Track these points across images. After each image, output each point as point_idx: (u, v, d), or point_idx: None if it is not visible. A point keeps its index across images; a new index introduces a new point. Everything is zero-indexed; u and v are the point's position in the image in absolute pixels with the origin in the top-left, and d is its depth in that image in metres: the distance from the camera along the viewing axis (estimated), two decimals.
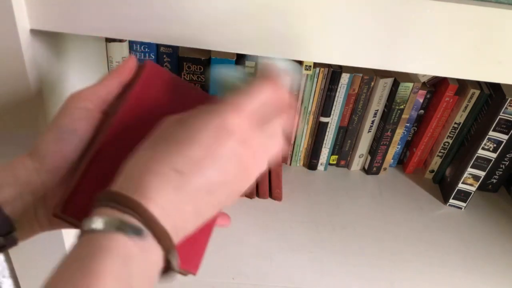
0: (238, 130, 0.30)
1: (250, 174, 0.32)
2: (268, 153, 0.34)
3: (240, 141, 0.30)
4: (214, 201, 0.30)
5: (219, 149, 0.29)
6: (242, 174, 0.31)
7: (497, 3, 0.41)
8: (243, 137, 0.30)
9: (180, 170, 0.28)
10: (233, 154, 0.30)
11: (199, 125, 0.30)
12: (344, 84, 0.73)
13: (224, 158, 0.30)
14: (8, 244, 0.34)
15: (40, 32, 0.43)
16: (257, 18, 0.41)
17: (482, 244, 0.75)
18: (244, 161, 0.31)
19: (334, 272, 0.66)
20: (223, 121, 0.30)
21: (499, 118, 0.70)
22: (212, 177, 0.29)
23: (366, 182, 0.84)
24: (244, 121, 0.31)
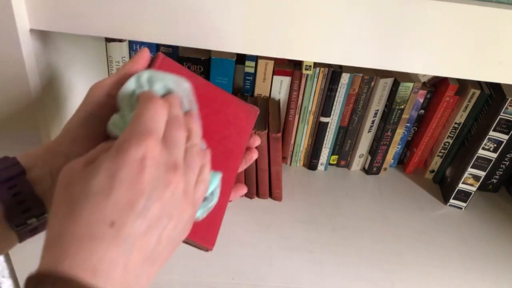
0: (151, 155, 0.29)
1: (188, 193, 0.31)
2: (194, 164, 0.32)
3: (157, 164, 0.29)
4: (164, 238, 0.29)
5: (141, 181, 0.28)
6: (180, 196, 0.30)
7: (497, 3, 0.41)
8: (157, 159, 0.29)
9: (112, 221, 0.26)
10: (157, 178, 0.29)
11: (115, 168, 0.28)
12: (344, 84, 0.73)
13: (149, 188, 0.28)
14: (40, 227, 0.36)
15: (40, 32, 0.43)
16: (257, 18, 0.41)
17: (482, 244, 0.75)
18: (173, 180, 0.29)
19: (334, 272, 0.66)
20: (132, 154, 0.28)
21: (499, 118, 0.70)
22: (147, 215, 0.28)
23: (366, 182, 0.84)
24: (151, 144, 0.29)
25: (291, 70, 0.72)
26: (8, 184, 0.34)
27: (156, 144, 0.29)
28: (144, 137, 0.29)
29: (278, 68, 0.72)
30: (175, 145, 0.31)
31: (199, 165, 0.33)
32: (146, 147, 0.29)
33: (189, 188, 0.32)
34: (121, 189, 0.27)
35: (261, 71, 0.71)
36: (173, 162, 0.30)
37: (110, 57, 0.69)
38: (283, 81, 0.73)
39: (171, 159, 0.30)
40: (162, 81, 0.36)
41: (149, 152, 0.29)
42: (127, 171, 0.28)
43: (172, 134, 0.32)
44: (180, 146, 0.32)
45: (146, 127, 0.30)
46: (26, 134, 0.46)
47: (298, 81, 0.72)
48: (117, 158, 0.28)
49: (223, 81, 0.71)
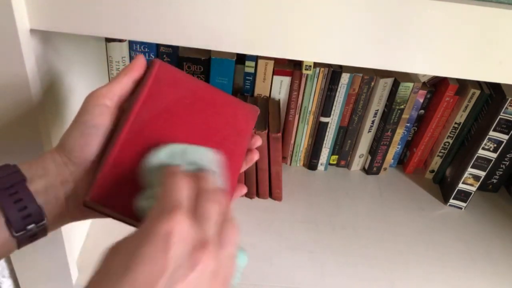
0: (177, 230, 0.27)
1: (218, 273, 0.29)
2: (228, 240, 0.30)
3: (185, 240, 0.27)
4: None
5: (164, 259, 0.26)
6: (208, 277, 0.28)
7: (497, 3, 0.41)
8: (185, 235, 0.27)
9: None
10: (183, 256, 0.27)
11: (137, 244, 0.27)
12: (344, 84, 0.73)
13: (173, 267, 0.26)
14: (40, 233, 0.36)
15: (40, 32, 0.43)
16: (257, 18, 0.41)
17: (482, 244, 0.75)
18: (201, 259, 0.27)
19: (334, 272, 0.66)
20: (158, 230, 0.27)
21: (499, 118, 0.70)
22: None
23: (366, 182, 0.84)
24: (178, 218, 0.28)
25: (291, 70, 0.72)
26: (10, 191, 0.34)
27: (184, 218, 0.28)
28: (170, 212, 0.28)
29: (278, 68, 0.72)
30: (205, 220, 0.29)
31: (233, 241, 0.31)
32: (173, 221, 0.27)
33: (220, 268, 0.29)
34: (140, 266, 0.26)
35: (261, 71, 0.71)
36: (202, 239, 0.28)
37: (110, 57, 0.69)
38: (283, 81, 0.73)
39: (201, 235, 0.28)
40: (193, 156, 0.35)
41: (175, 227, 0.27)
42: (149, 248, 0.26)
43: (203, 207, 0.30)
44: (211, 221, 0.30)
45: (173, 201, 0.29)
46: (26, 134, 0.46)
47: (298, 81, 0.72)
48: (141, 234, 0.27)
49: (223, 81, 0.71)
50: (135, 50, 0.69)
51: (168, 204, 0.29)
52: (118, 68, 0.70)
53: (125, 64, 0.70)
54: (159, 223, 0.27)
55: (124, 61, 0.70)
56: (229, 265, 0.31)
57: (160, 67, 0.40)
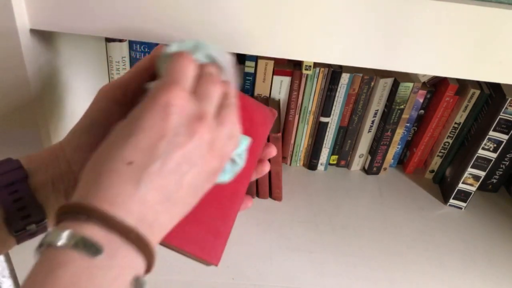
0: (175, 102, 0.29)
1: (215, 145, 0.31)
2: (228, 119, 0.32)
3: (182, 112, 0.29)
4: (184, 184, 0.29)
5: (163, 126, 0.28)
6: (205, 147, 0.30)
7: (497, 3, 0.41)
8: (183, 107, 0.29)
9: (131, 161, 0.27)
10: (181, 125, 0.29)
11: (139, 114, 0.29)
12: (344, 84, 0.73)
13: (171, 134, 0.28)
14: (39, 231, 0.35)
15: (40, 32, 0.43)
16: (257, 18, 0.41)
17: (482, 244, 0.75)
18: (197, 131, 0.29)
19: (334, 272, 0.66)
20: (157, 101, 0.29)
21: (499, 118, 0.70)
22: (166, 159, 0.28)
23: (366, 182, 0.84)
24: (176, 92, 0.29)
25: (291, 70, 0.72)
26: (10, 189, 0.34)
27: (182, 93, 0.29)
28: (170, 85, 0.29)
29: (278, 68, 0.72)
30: (205, 98, 0.31)
31: (233, 122, 0.33)
32: (171, 94, 0.29)
33: (217, 141, 0.31)
34: (142, 132, 0.28)
35: (261, 71, 0.71)
36: (200, 113, 0.30)
37: (110, 57, 0.69)
38: (283, 81, 0.73)
39: (199, 110, 0.30)
40: (204, 49, 0.35)
41: (173, 99, 0.29)
42: (149, 116, 0.28)
43: (203, 87, 0.32)
44: (211, 99, 0.31)
45: (174, 78, 0.30)
46: (26, 134, 0.46)
47: (298, 81, 0.72)
48: (144, 105, 0.29)
49: None
50: (135, 50, 0.69)
51: (169, 79, 0.30)
52: (118, 68, 0.70)
53: (125, 64, 0.70)
54: (159, 94, 0.29)
55: (124, 61, 0.70)
56: (227, 143, 0.32)
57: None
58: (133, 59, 0.70)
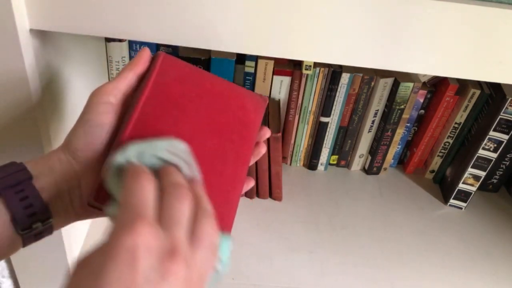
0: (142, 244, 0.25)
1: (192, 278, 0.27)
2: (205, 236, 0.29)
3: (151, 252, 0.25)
4: None
5: (132, 276, 0.24)
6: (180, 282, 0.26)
7: (497, 3, 0.41)
8: (151, 246, 0.25)
9: None
10: (151, 269, 0.25)
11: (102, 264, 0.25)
12: (344, 84, 0.73)
13: (142, 283, 0.24)
14: (45, 231, 0.36)
15: (40, 32, 0.43)
16: (257, 18, 0.41)
17: (482, 244, 0.75)
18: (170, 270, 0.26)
19: (334, 272, 0.66)
20: (121, 246, 0.25)
21: (499, 118, 0.70)
22: None
23: (366, 182, 0.84)
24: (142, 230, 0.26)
25: (291, 70, 0.72)
26: (16, 188, 0.34)
27: (148, 228, 0.26)
28: (133, 222, 0.26)
29: (278, 68, 0.72)
30: (174, 222, 0.28)
31: (210, 234, 0.29)
32: (136, 233, 0.25)
33: (194, 271, 0.28)
34: (108, 287, 0.24)
35: (261, 71, 0.71)
36: (171, 247, 0.26)
37: (110, 57, 0.69)
38: (283, 81, 0.73)
39: (169, 242, 0.27)
40: (153, 151, 0.32)
41: (139, 240, 0.25)
42: (114, 266, 0.24)
43: (170, 209, 0.28)
44: (181, 221, 0.28)
45: (134, 210, 0.27)
46: (26, 133, 0.46)
47: (298, 81, 0.72)
48: (106, 249, 0.25)
49: None
50: (135, 50, 0.69)
51: (130, 213, 0.27)
52: (118, 68, 0.70)
53: (125, 64, 0.70)
54: (122, 237, 0.25)
55: (124, 61, 0.70)
56: (206, 263, 0.29)
57: (164, 59, 0.40)
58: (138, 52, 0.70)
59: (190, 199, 0.30)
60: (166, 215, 0.28)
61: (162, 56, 0.40)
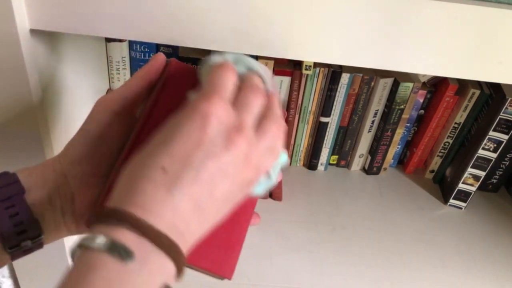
0: (215, 113, 0.29)
1: (251, 158, 0.30)
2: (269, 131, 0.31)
3: (221, 122, 0.29)
4: (217, 194, 0.29)
5: (200, 136, 0.28)
6: (241, 159, 0.29)
7: (497, 3, 0.41)
8: (222, 118, 0.29)
9: (165, 168, 0.27)
10: (218, 136, 0.28)
11: (178, 121, 0.29)
12: (344, 84, 0.73)
13: (208, 144, 0.28)
14: (35, 247, 0.35)
15: (40, 32, 0.43)
16: (257, 18, 0.41)
17: (482, 244, 0.75)
18: (234, 142, 0.29)
19: (334, 272, 0.66)
20: (196, 110, 0.29)
21: (499, 118, 0.70)
22: (201, 169, 0.28)
23: (366, 182, 0.84)
24: (216, 102, 0.29)
25: (291, 70, 0.72)
26: (6, 203, 0.33)
27: (222, 103, 0.29)
28: (210, 95, 0.29)
29: (278, 68, 0.72)
30: (246, 109, 0.31)
31: (275, 134, 0.32)
32: (211, 104, 0.29)
33: (254, 153, 0.30)
34: (179, 140, 0.28)
35: None
36: (239, 124, 0.29)
37: (110, 57, 0.69)
38: (283, 81, 0.73)
39: (238, 121, 0.30)
40: (246, 62, 0.34)
41: (213, 109, 0.28)
42: (188, 124, 0.28)
43: (244, 97, 0.31)
44: (252, 110, 0.31)
45: (214, 88, 0.30)
46: (26, 133, 0.46)
47: (298, 81, 0.72)
48: (183, 113, 0.29)
49: None
50: (135, 50, 0.69)
51: (210, 88, 0.30)
52: (118, 68, 0.70)
53: (125, 64, 0.70)
54: (199, 104, 0.29)
55: (124, 61, 0.70)
56: (265, 156, 0.31)
57: (176, 68, 0.38)
58: (133, 59, 0.70)
59: (264, 99, 0.32)
60: (240, 101, 0.31)
61: (173, 64, 0.38)
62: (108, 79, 0.71)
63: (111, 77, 0.71)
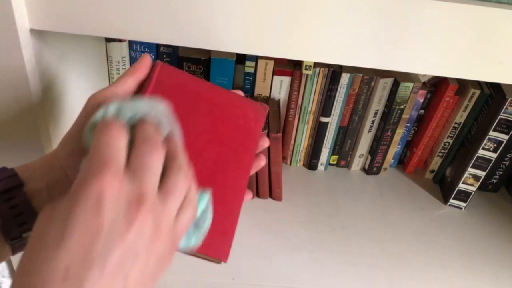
0: (108, 190, 0.25)
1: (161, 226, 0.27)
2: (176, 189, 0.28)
3: (117, 199, 0.25)
4: (131, 281, 0.25)
5: (97, 223, 0.24)
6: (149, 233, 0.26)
7: (497, 3, 0.41)
8: (117, 193, 0.25)
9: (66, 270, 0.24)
10: (117, 216, 0.25)
11: (68, 209, 0.25)
12: (344, 84, 0.73)
13: (107, 230, 0.24)
14: None
15: (40, 32, 0.43)
16: (257, 18, 0.41)
17: (482, 244, 0.75)
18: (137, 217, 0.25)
19: (334, 272, 0.66)
20: (87, 193, 0.25)
21: (499, 118, 0.70)
22: (105, 261, 0.24)
23: (366, 182, 0.84)
24: (108, 177, 0.25)
25: (291, 70, 0.72)
26: (6, 196, 0.33)
27: (114, 175, 0.25)
28: (100, 170, 0.25)
29: (278, 68, 0.72)
30: (143, 172, 0.27)
31: (183, 187, 0.29)
32: (102, 180, 0.25)
33: (163, 221, 0.27)
34: (74, 233, 0.24)
35: (261, 71, 0.71)
36: (138, 194, 0.26)
37: (110, 57, 0.69)
38: (283, 81, 0.73)
39: (136, 191, 0.26)
40: (131, 108, 0.31)
41: (106, 187, 0.25)
42: (80, 213, 0.24)
43: (139, 158, 0.28)
44: (150, 172, 0.28)
45: (101, 158, 0.26)
46: (26, 133, 0.46)
47: (298, 81, 0.72)
48: (71, 199, 0.25)
49: (223, 81, 0.71)
50: (135, 50, 0.69)
51: (97, 160, 0.26)
52: (118, 68, 0.70)
53: (125, 64, 0.70)
54: (88, 184, 0.25)
55: (124, 61, 0.70)
56: (180, 217, 0.29)
57: (162, 69, 0.39)
58: (133, 59, 0.70)
59: (161, 152, 0.29)
60: (135, 165, 0.27)
61: (160, 66, 0.39)
62: (108, 79, 0.71)
63: (111, 77, 0.71)
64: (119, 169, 0.26)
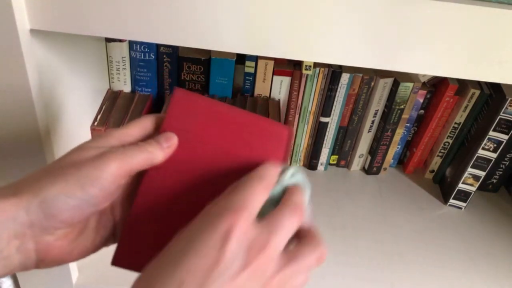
0: (237, 229, 0.27)
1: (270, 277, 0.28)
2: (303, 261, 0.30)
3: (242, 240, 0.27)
4: None
5: (218, 257, 0.26)
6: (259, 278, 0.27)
7: (497, 3, 0.41)
8: (244, 235, 0.27)
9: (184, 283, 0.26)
10: (237, 255, 0.27)
11: (196, 234, 0.27)
12: (344, 84, 0.73)
13: (225, 265, 0.26)
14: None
15: (40, 32, 0.43)
16: (257, 18, 0.41)
17: (482, 244, 0.75)
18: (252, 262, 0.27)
19: (334, 272, 0.66)
20: (218, 226, 0.27)
21: (499, 118, 0.70)
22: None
23: (366, 182, 0.84)
24: (240, 218, 0.27)
25: (291, 70, 0.72)
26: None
27: (247, 219, 0.27)
28: (235, 210, 0.27)
29: (278, 68, 0.72)
30: (276, 228, 0.28)
31: (309, 266, 0.30)
32: (236, 219, 0.27)
33: (277, 277, 0.28)
34: (197, 255, 0.26)
35: (261, 71, 0.71)
36: (262, 242, 0.28)
37: (110, 57, 0.69)
38: (283, 81, 0.73)
39: (262, 238, 0.28)
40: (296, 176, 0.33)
41: (237, 225, 0.27)
42: (207, 240, 0.27)
43: (279, 216, 0.29)
44: (283, 230, 0.29)
45: (240, 202, 0.28)
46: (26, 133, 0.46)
47: (298, 81, 0.72)
48: (199, 227, 0.27)
49: (223, 81, 0.71)
50: (135, 50, 0.69)
51: (235, 203, 0.28)
52: (118, 68, 0.70)
53: (125, 64, 0.70)
54: (223, 217, 0.27)
55: (124, 61, 0.70)
56: (289, 283, 0.29)
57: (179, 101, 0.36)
58: (133, 59, 0.70)
59: (301, 221, 0.30)
60: (272, 220, 0.29)
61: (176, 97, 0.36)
62: (108, 79, 0.71)
63: (111, 77, 0.71)
64: (252, 216, 0.28)
